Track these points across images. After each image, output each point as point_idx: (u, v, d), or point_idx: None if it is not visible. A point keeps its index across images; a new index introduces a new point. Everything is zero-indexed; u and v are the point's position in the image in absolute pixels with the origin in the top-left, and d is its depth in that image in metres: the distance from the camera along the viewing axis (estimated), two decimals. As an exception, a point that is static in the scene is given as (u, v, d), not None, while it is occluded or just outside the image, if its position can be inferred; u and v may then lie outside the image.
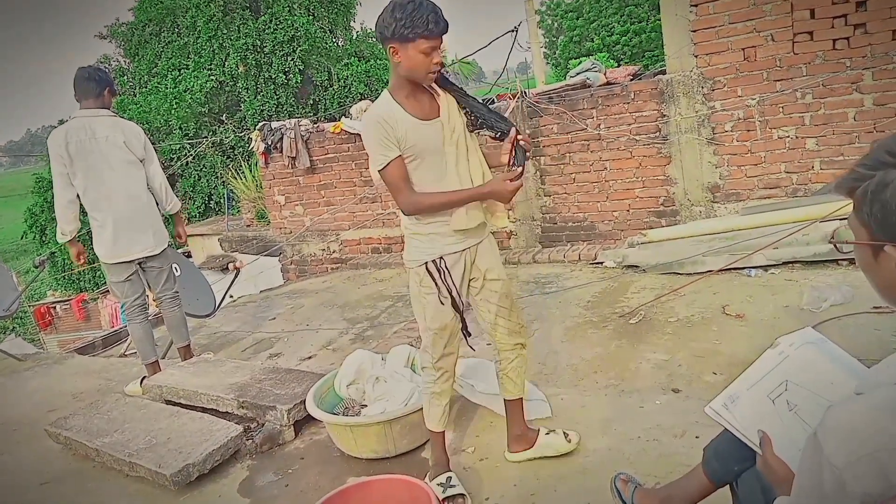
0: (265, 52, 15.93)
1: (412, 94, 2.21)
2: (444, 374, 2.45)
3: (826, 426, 0.89)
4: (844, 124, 4.99)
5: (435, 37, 2.08)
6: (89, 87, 3.78)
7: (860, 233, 0.99)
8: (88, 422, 3.31)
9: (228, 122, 16.80)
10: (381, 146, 2.16)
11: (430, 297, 2.31)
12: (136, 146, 3.84)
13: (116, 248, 3.83)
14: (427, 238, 2.29)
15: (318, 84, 16.75)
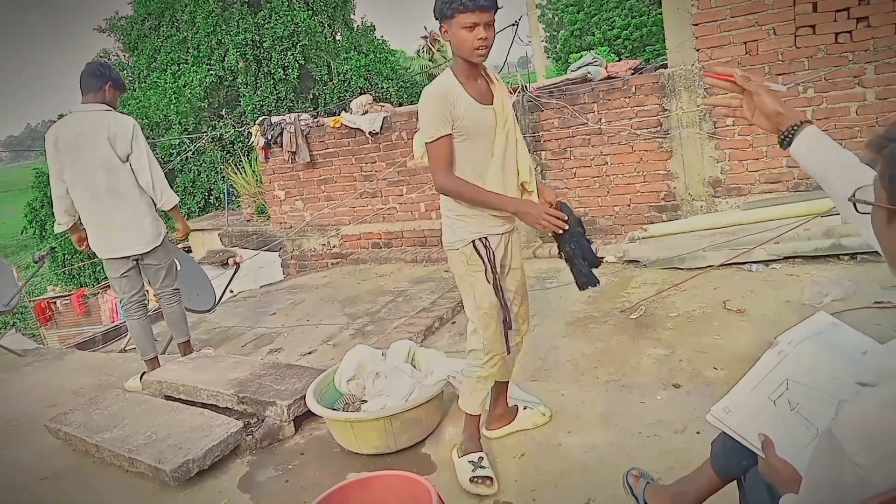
0: (264, 47, 15.87)
1: (471, 76, 2.26)
2: (492, 359, 2.46)
3: (843, 423, 0.88)
4: (846, 118, 4.97)
5: (471, 10, 2.09)
6: (90, 81, 3.78)
7: (881, 195, 0.99)
8: (88, 417, 3.30)
9: (228, 116, 16.75)
10: (437, 121, 2.20)
11: (478, 274, 2.35)
12: (120, 142, 3.73)
13: (106, 245, 3.85)
14: (474, 218, 2.33)
15: (318, 79, 16.69)
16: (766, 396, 1.40)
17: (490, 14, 2.14)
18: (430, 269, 6.27)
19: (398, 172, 7.00)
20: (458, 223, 2.35)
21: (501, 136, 2.29)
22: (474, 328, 2.45)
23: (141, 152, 3.80)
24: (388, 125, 6.95)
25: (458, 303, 4.78)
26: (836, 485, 0.88)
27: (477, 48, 2.15)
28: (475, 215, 2.32)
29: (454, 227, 2.36)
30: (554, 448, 2.65)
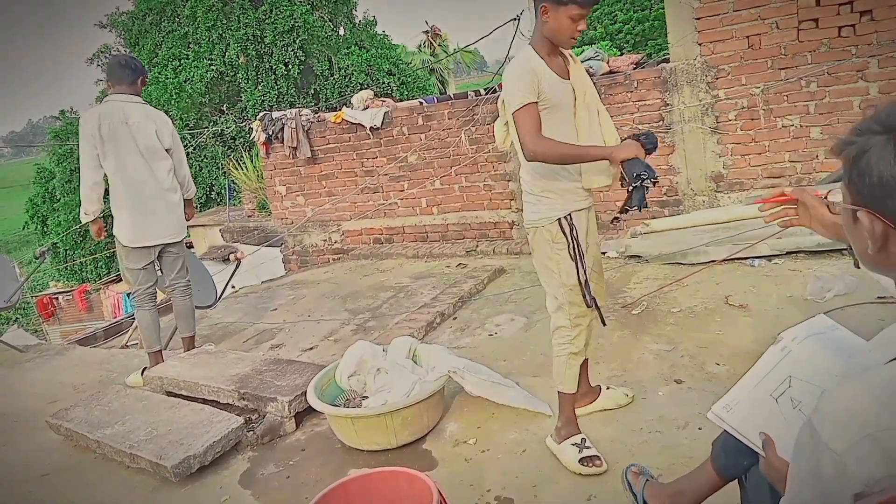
0: (265, 42, 15.85)
1: (552, 53, 2.35)
2: (581, 332, 2.51)
3: (821, 411, 0.88)
4: (850, 113, 4.95)
5: (585, 6, 2.22)
6: (124, 73, 3.86)
7: (846, 196, 1.02)
8: (89, 413, 3.30)
9: (229, 112, 16.74)
10: (523, 91, 2.26)
11: (563, 252, 2.41)
12: (164, 135, 3.93)
13: (140, 233, 3.90)
14: (559, 195, 2.39)
15: (319, 74, 16.67)
16: (768, 394, 1.38)
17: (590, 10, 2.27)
18: (432, 264, 6.26)
19: (399, 168, 6.99)
20: (543, 200, 2.41)
21: (583, 110, 2.40)
22: (559, 305, 2.49)
23: (180, 147, 4.08)
24: (390, 120, 6.94)
25: (459, 298, 4.77)
26: (816, 474, 0.88)
27: (573, 37, 2.29)
28: (561, 192, 2.39)
29: (538, 205, 2.42)
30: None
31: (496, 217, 6.62)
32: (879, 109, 0.96)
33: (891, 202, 0.92)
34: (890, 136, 0.91)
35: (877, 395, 0.84)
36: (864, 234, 0.98)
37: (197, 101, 16.08)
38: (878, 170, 0.92)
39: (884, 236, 0.96)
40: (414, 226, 7.10)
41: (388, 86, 16.67)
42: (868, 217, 0.96)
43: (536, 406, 2.89)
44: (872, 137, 0.94)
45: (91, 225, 4.02)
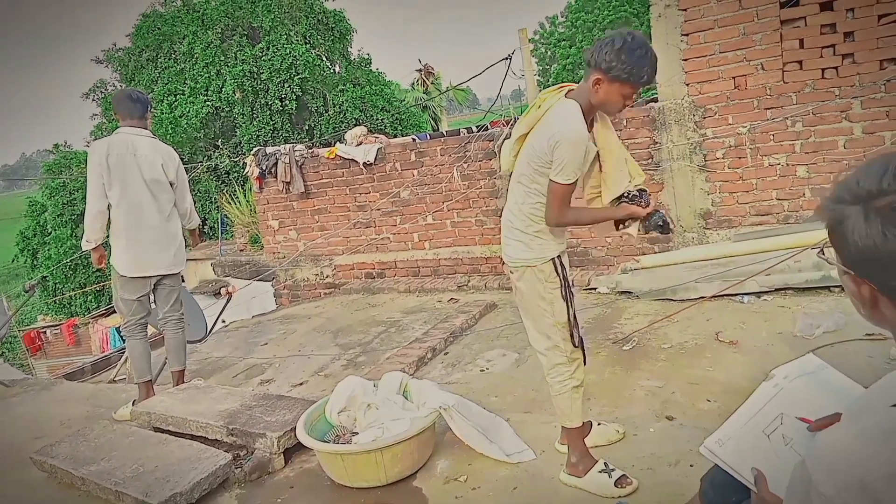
0: (262, 78, 16.05)
1: (589, 116, 2.36)
2: (578, 365, 2.56)
3: (815, 453, 0.88)
4: (834, 152, 5.04)
5: (639, 85, 2.24)
6: (135, 107, 3.97)
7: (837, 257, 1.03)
8: (75, 449, 3.25)
9: (224, 147, 16.85)
10: (578, 164, 2.30)
11: (556, 291, 2.46)
12: (170, 168, 4.03)
13: (138, 263, 3.93)
14: (551, 237, 2.45)
15: (314, 110, 16.84)
16: (760, 430, 1.39)
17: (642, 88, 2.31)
18: (423, 299, 6.26)
19: (392, 203, 7.03)
20: (536, 241, 2.44)
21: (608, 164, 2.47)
22: (552, 344, 2.52)
23: (184, 180, 4.19)
24: (383, 156, 7.01)
25: (450, 333, 4.76)
26: None
27: (621, 110, 2.34)
28: (551, 234, 2.44)
29: (531, 244, 2.45)
30: (546, 481, 2.62)
31: (488, 252, 6.65)
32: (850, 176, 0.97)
33: (873, 270, 0.94)
34: (861, 207, 0.92)
35: (870, 440, 0.84)
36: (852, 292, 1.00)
37: (192, 136, 16.18)
38: (855, 240, 0.93)
39: (872, 299, 0.97)
40: (406, 261, 7.11)
41: (381, 122, 16.86)
42: (854, 282, 0.98)
43: (516, 457, 2.81)
44: (847, 208, 0.95)
45: (92, 252, 4.05)
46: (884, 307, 0.96)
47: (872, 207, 0.91)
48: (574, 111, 2.28)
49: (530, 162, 2.38)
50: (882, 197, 0.90)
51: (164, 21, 17.25)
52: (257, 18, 16.55)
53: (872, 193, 0.91)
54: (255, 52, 16.16)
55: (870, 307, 0.99)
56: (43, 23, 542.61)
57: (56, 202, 16.86)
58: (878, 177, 0.91)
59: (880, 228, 0.89)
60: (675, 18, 5.36)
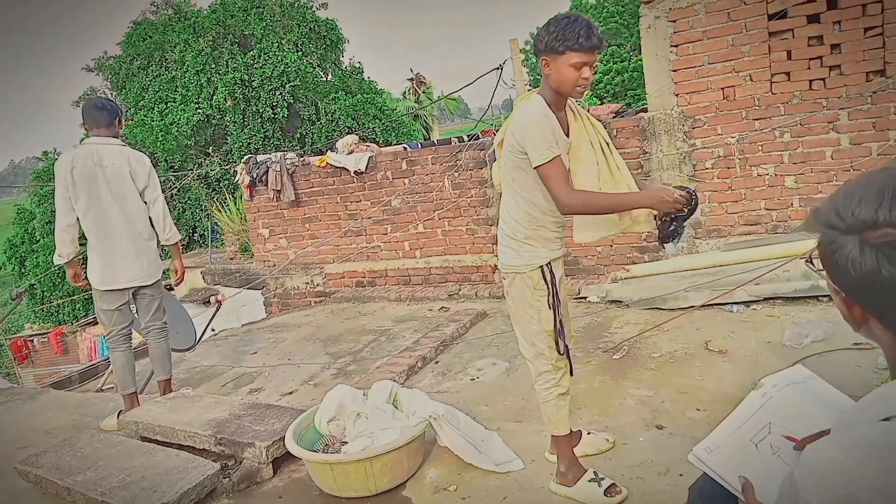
0: (253, 86, 16.03)
1: (559, 107, 2.35)
2: (564, 373, 2.55)
3: (804, 466, 0.88)
4: (822, 162, 5.09)
5: (584, 51, 2.17)
6: (101, 115, 3.88)
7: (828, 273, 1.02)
8: (60, 459, 3.22)
9: (214, 154, 16.80)
10: (547, 141, 2.25)
11: (543, 299, 2.44)
12: (140, 176, 3.93)
13: (111, 275, 3.86)
14: (541, 243, 2.42)
15: (306, 118, 16.84)
16: (748, 439, 1.39)
17: (595, 55, 2.23)
18: (414, 307, 6.25)
19: (383, 211, 7.03)
20: (525, 247, 2.42)
21: (577, 164, 2.43)
22: (538, 352, 2.51)
23: (155, 187, 4.02)
24: (374, 165, 7.01)
25: (441, 342, 4.75)
26: None
27: (579, 86, 2.24)
28: (543, 240, 2.41)
29: (520, 251, 2.43)
30: (536, 491, 2.62)
31: (479, 261, 6.65)
32: (842, 200, 0.95)
33: (864, 297, 0.93)
34: (856, 238, 0.91)
35: (859, 454, 0.84)
36: (844, 315, 1.00)
37: (182, 144, 16.13)
38: (850, 270, 0.92)
39: (863, 318, 0.97)
40: (397, 269, 7.11)
41: (373, 130, 16.87)
42: (845, 303, 0.98)
43: (505, 467, 2.81)
44: (841, 237, 0.93)
45: (67, 268, 3.98)
46: (874, 327, 0.96)
47: (868, 240, 0.89)
48: (533, 102, 2.32)
49: (507, 163, 2.40)
50: (877, 229, 0.89)
51: (156, 29, 17.23)
52: (249, 26, 16.56)
53: (868, 224, 0.90)
54: (246, 60, 16.15)
55: (860, 326, 0.99)
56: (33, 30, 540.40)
57: (44, 210, 16.75)
58: (875, 207, 0.90)
59: (876, 262, 0.88)
60: (665, 30, 5.40)
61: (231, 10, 16.77)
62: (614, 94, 16.88)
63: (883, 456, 0.82)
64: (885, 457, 0.82)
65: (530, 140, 2.25)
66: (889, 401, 0.91)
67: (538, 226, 2.41)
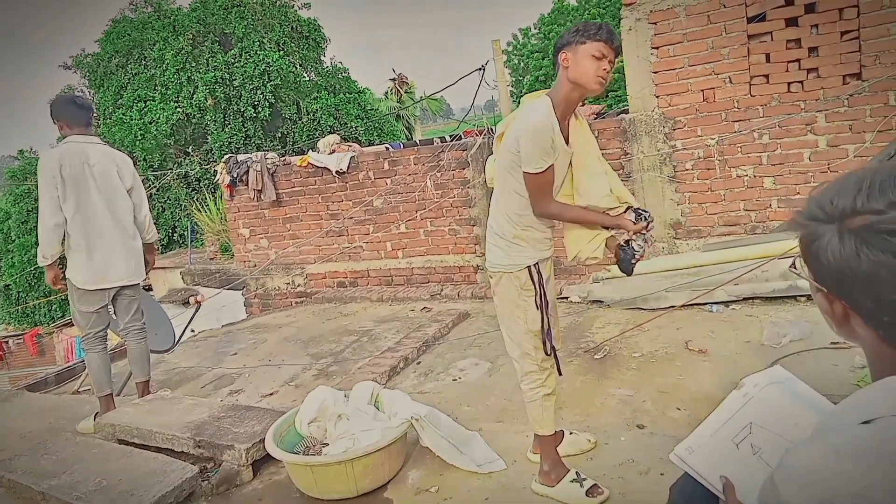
0: (234, 85, 15.89)
1: (565, 115, 2.35)
2: (550, 374, 2.56)
3: (783, 470, 0.88)
4: (800, 164, 5.15)
5: (604, 41, 2.20)
6: (81, 114, 3.83)
7: (809, 272, 1.03)
8: (35, 463, 3.16)
9: (194, 154, 16.63)
10: (543, 150, 2.26)
11: (530, 299, 2.44)
12: (126, 175, 3.92)
13: (100, 275, 3.82)
14: (530, 243, 2.42)
15: (287, 117, 16.73)
16: (729, 439, 1.39)
17: (615, 54, 2.26)
18: (396, 308, 6.23)
19: (365, 211, 7.00)
20: (514, 247, 2.42)
21: (580, 171, 2.44)
22: (523, 352, 2.52)
23: (140, 188, 4.05)
24: (356, 165, 6.98)
25: (423, 342, 4.74)
26: None
27: (599, 76, 2.24)
28: (530, 241, 2.42)
29: (509, 250, 2.43)
30: (518, 491, 2.62)
31: (461, 261, 6.65)
32: (822, 193, 0.96)
33: (846, 289, 0.94)
34: (836, 227, 0.92)
35: (839, 458, 0.84)
36: (825, 313, 1.00)
37: (162, 143, 15.95)
38: (829, 259, 0.93)
39: (844, 315, 0.97)
40: (379, 269, 7.08)
41: (355, 130, 16.80)
42: (827, 299, 0.98)
43: (487, 468, 2.80)
44: (821, 226, 0.94)
45: (47, 271, 3.89)
46: (855, 324, 0.97)
47: (847, 227, 0.90)
48: (541, 104, 2.31)
49: (503, 160, 2.39)
50: (856, 216, 0.90)
51: (135, 27, 17.01)
52: (230, 25, 16.42)
53: (846, 213, 0.91)
54: (227, 59, 16.00)
55: (842, 324, 1.00)
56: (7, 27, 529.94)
57: (20, 209, 16.48)
58: (853, 195, 0.91)
59: (854, 249, 0.89)
60: (646, 32, 5.44)
61: (212, 9, 16.61)
62: (595, 96, 16.97)
63: (862, 460, 0.82)
64: (863, 461, 0.82)
65: (527, 145, 2.26)
66: (867, 404, 0.92)
67: (527, 226, 2.41)
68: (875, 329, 0.93)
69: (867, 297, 0.91)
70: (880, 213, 0.87)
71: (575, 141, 2.42)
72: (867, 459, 0.82)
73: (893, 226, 0.85)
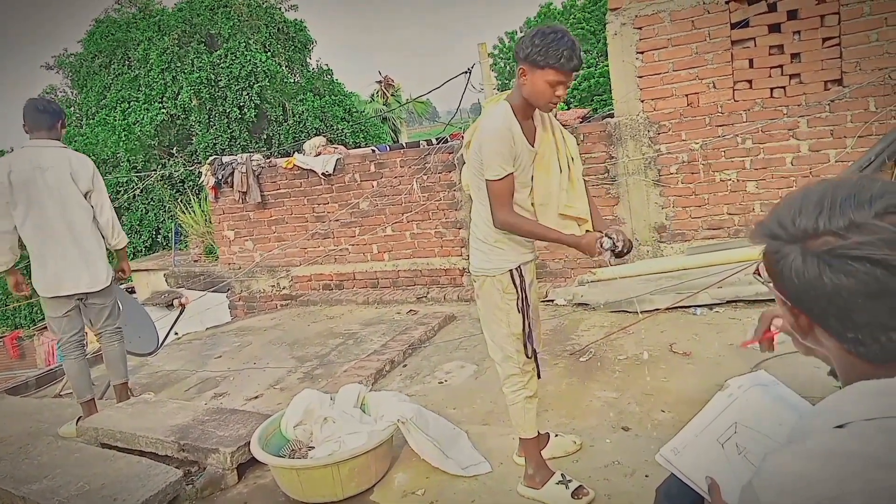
0: (219, 86, 15.81)
1: (526, 116, 2.34)
2: (532, 376, 2.57)
3: (761, 475, 0.89)
4: (783, 168, 5.21)
5: (564, 71, 2.18)
6: (41, 118, 3.70)
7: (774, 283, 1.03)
8: (16, 468, 3.12)
9: (179, 155, 16.52)
10: (502, 157, 2.26)
11: (512, 303, 2.45)
12: (82, 179, 3.74)
13: (54, 283, 3.70)
14: (511, 247, 2.43)
15: (273, 119, 16.67)
16: (714, 439, 1.41)
17: (572, 76, 2.23)
18: (382, 310, 6.22)
19: (351, 214, 6.99)
20: (496, 251, 2.43)
21: (542, 174, 2.41)
22: (505, 355, 2.52)
23: (101, 191, 3.83)
24: (342, 167, 6.97)
25: (409, 345, 4.74)
26: None
27: (551, 102, 2.25)
28: (512, 245, 2.42)
29: (491, 254, 2.43)
30: (504, 494, 2.62)
31: (447, 264, 6.65)
32: (784, 210, 0.96)
33: (810, 306, 0.94)
34: (798, 247, 0.92)
35: (815, 462, 0.85)
36: (790, 325, 1.01)
37: (146, 144, 15.83)
38: (793, 278, 0.93)
39: (809, 327, 0.98)
40: (365, 272, 7.07)
41: (341, 132, 16.77)
42: (791, 312, 0.99)
43: (472, 470, 2.80)
44: (784, 246, 0.94)
45: (8, 277, 3.81)
46: (820, 335, 0.98)
47: (809, 249, 0.91)
48: (499, 110, 2.31)
49: (472, 167, 2.40)
50: (818, 237, 0.90)
51: (119, 27, 16.89)
52: (215, 26, 16.34)
53: (808, 233, 0.91)
54: (212, 60, 15.92)
55: (807, 335, 1.01)
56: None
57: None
58: (815, 216, 0.91)
59: (818, 271, 0.89)
60: (631, 37, 5.48)
61: (197, 9, 16.53)
62: (581, 100, 17.06)
63: (837, 464, 0.83)
64: (839, 465, 0.83)
65: (486, 152, 2.28)
66: (841, 408, 0.93)
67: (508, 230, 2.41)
68: (840, 342, 0.95)
69: (831, 316, 0.92)
70: (841, 235, 0.87)
71: (542, 143, 2.41)
72: (842, 463, 0.83)
73: (856, 251, 0.86)
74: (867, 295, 0.86)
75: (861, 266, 0.85)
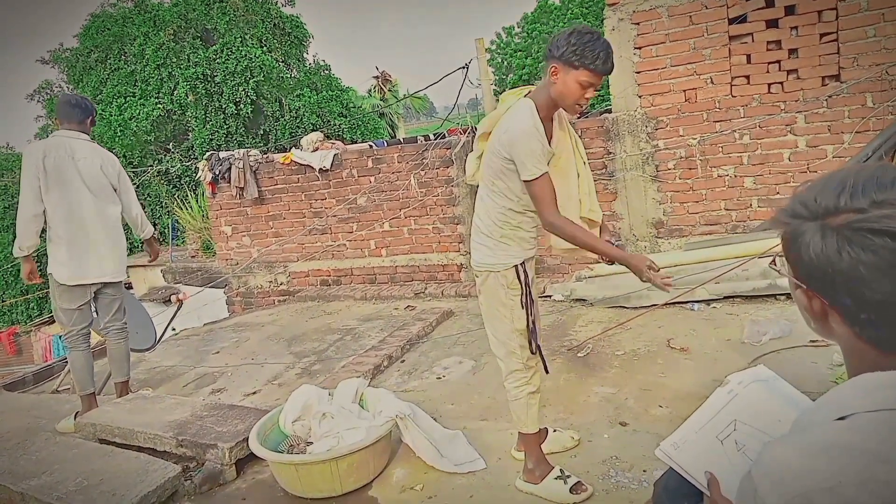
0: (216, 81, 15.74)
1: (548, 116, 2.34)
2: (534, 371, 2.57)
3: (760, 465, 0.90)
4: (780, 164, 5.22)
5: (598, 73, 2.18)
6: (73, 112, 3.85)
7: (790, 269, 1.04)
8: (14, 463, 3.12)
9: (175, 150, 16.47)
10: (536, 157, 2.24)
11: (516, 298, 2.45)
12: (111, 173, 3.92)
13: (79, 271, 3.77)
14: (517, 242, 2.43)
15: (270, 114, 16.61)
16: (714, 435, 1.41)
17: (602, 79, 2.23)
18: (380, 306, 6.22)
19: (348, 209, 6.98)
20: (501, 246, 2.42)
21: (556, 175, 2.38)
22: (509, 350, 2.52)
23: (128, 185, 4.07)
24: (339, 162, 6.96)
25: (407, 341, 4.74)
26: None
27: (578, 104, 2.24)
28: (518, 240, 2.42)
29: (496, 249, 2.43)
30: (502, 489, 2.63)
31: (445, 259, 6.65)
32: (806, 192, 0.98)
33: (825, 286, 0.95)
34: (818, 224, 0.93)
35: (813, 454, 0.85)
36: (804, 310, 1.01)
37: (142, 139, 15.77)
38: (811, 256, 0.94)
39: (823, 313, 0.98)
40: (362, 268, 7.07)
41: (338, 128, 16.72)
42: (806, 295, 0.99)
43: (467, 467, 2.80)
44: (804, 223, 0.95)
45: (23, 264, 3.84)
46: (833, 322, 0.98)
47: (829, 225, 0.92)
48: (526, 109, 2.29)
49: (491, 164, 2.38)
50: (839, 214, 0.91)
51: (115, 22, 16.79)
52: (212, 21, 16.26)
53: (829, 210, 0.92)
54: (209, 55, 15.85)
55: (820, 321, 1.01)
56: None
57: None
58: (836, 194, 0.92)
59: (836, 246, 0.90)
60: (629, 32, 5.48)
61: (193, 4, 16.44)
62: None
63: (835, 456, 0.84)
64: (837, 456, 0.84)
65: (519, 153, 2.25)
66: (842, 400, 0.93)
67: (515, 226, 2.41)
68: (852, 327, 0.95)
69: (846, 295, 0.93)
70: (863, 211, 0.88)
71: (556, 143, 2.42)
72: (840, 455, 0.84)
73: (875, 224, 0.86)
74: (885, 270, 0.87)
75: (880, 240, 0.86)
